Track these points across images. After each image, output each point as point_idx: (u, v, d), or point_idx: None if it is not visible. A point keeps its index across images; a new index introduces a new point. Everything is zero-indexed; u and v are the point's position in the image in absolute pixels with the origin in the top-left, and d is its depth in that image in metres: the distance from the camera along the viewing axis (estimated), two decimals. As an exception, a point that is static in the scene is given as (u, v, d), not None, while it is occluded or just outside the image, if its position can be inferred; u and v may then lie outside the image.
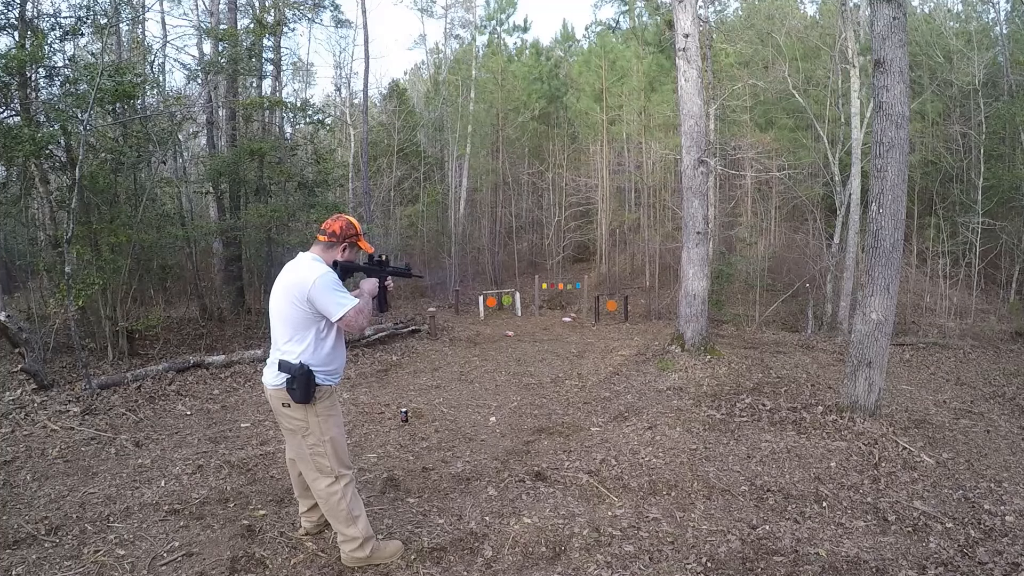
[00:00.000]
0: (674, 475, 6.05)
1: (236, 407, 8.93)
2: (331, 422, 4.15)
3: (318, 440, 4.11)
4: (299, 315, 3.96)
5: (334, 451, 4.15)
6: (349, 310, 3.89)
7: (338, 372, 4.24)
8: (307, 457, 4.17)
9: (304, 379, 3.92)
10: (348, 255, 4.23)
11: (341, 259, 4.18)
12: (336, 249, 4.17)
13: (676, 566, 4.40)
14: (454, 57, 31.84)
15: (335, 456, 4.16)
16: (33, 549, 4.62)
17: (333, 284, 3.94)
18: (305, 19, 21.51)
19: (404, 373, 11.50)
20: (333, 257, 4.17)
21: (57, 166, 11.61)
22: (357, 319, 3.93)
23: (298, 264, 4.08)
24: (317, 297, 3.89)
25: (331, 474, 4.17)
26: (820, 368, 11.34)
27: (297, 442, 4.19)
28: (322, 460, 4.15)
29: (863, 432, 7.09)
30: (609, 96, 26.00)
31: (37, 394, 8.52)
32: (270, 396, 4.16)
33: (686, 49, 10.78)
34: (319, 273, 3.93)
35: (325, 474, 4.17)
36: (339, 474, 4.18)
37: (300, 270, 4.01)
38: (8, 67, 9.99)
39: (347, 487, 4.21)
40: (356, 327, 3.96)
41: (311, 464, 4.18)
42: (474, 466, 6.40)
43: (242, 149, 15.11)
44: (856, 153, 17.38)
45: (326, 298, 3.89)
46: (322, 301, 3.89)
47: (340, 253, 4.18)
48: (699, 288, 11.41)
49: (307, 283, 3.89)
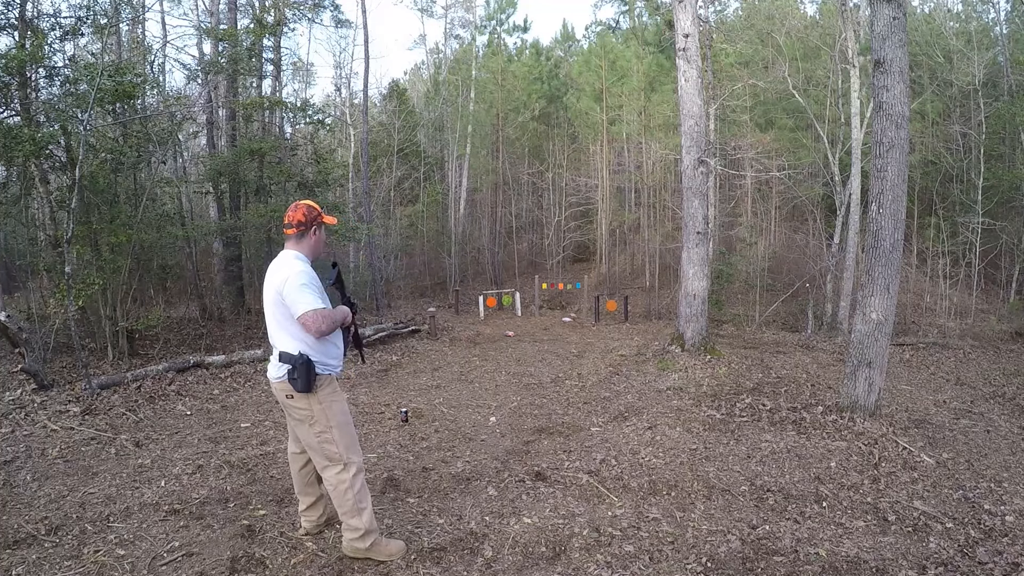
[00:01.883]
0: (674, 475, 6.05)
1: (236, 407, 8.92)
2: (335, 408, 4.23)
3: (324, 427, 4.19)
4: (284, 311, 4.08)
5: (340, 437, 4.23)
6: (309, 311, 3.91)
7: (338, 359, 4.34)
8: (316, 446, 4.26)
9: (304, 368, 4.01)
10: (318, 235, 4.34)
11: (312, 240, 4.31)
12: (309, 235, 4.27)
13: (676, 566, 4.40)
14: (454, 57, 31.85)
15: (342, 442, 4.24)
16: (33, 549, 4.62)
17: (303, 280, 4.00)
18: (305, 19, 21.48)
19: (404, 373, 11.50)
20: (310, 245, 4.29)
21: (57, 166, 11.60)
22: (316, 322, 3.93)
23: (279, 262, 4.21)
24: (287, 293, 3.98)
25: (339, 461, 4.24)
26: (820, 368, 11.34)
27: (305, 432, 4.26)
28: (330, 447, 4.23)
29: (863, 432, 7.09)
30: (609, 96, 25.97)
31: (37, 394, 8.52)
32: (275, 389, 4.28)
33: (686, 49, 10.78)
34: (294, 270, 4.03)
35: (334, 461, 4.24)
36: (347, 461, 4.26)
37: (281, 268, 4.13)
38: (8, 67, 9.99)
39: (355, 477, 4.28)
40: (314, 329, 3.95)
41: (320, 452, 4.27)
42: (474, 466, 6.40)
43: (242, 149, 15.10)
44: (856, 153, 17.34)
45: (293, 295, 3.96)
46: (290, 297, 3.98)
47: (313, 237, 4.29)
48: (699, 288, 11.41)
49: (282, 280, 4.02)
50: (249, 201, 16.07)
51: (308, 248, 4.27)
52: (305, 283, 3.98)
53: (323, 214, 4.34)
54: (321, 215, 4.31)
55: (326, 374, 4.19)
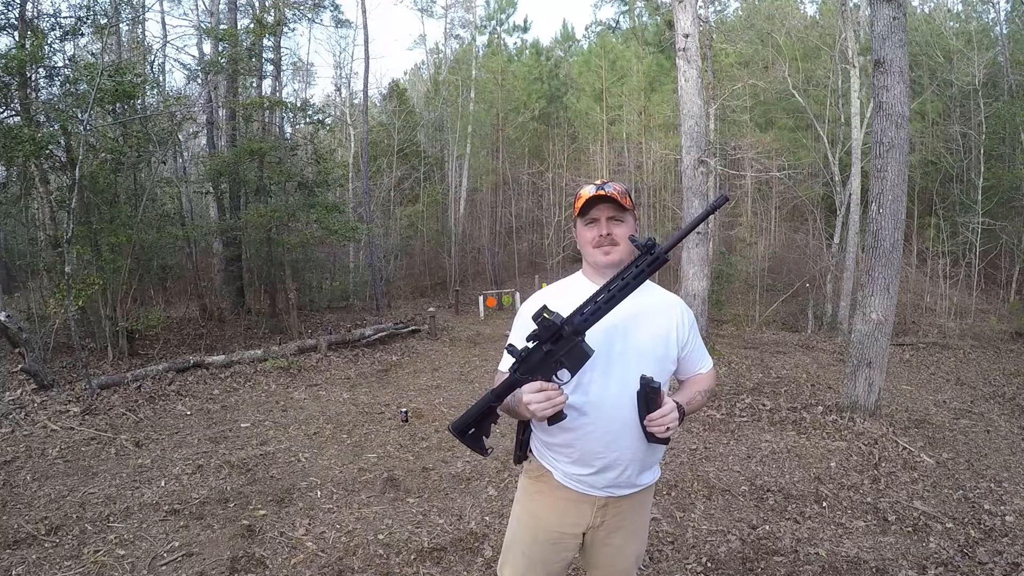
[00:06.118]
0: (674, 475, 6.02)
1: (236, 407, 8.91)
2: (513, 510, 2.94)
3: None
4: None
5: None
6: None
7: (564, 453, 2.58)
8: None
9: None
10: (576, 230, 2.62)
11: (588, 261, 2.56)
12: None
13: (676, 566, 4.38)
14: (454, 57, 31.75)
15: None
16: (33, 549, 4.61)
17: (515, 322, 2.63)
18: (305, 19, 21.49)
19: (404, 373, 11.50)
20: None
21: (57, 166, 11.59)
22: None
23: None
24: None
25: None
26: (820, 368, 11.38)
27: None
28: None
29: (863, 432, 7.12)
30: (609, 96, 25.96)
31: (37, 394, 8.53)
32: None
33: (686, 49, 10.74)
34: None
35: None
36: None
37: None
38: (8, 67, 9.99)
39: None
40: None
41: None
42: (474, 466, 6.39)
43: (242, 149, 15.09)
44: (856, 153, 17.29)
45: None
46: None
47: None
48: (699, 288, 11.34)
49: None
50: (249, 201, 16.06)
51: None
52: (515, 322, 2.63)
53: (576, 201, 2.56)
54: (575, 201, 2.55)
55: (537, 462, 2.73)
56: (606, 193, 2.39)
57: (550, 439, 2.54)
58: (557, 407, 2.17)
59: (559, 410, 2.19)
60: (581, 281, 2.56)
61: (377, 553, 4.60)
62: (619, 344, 2.38)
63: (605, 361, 2.35)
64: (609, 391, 2.36)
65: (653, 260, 2.17)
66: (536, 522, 2.68)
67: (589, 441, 2.42)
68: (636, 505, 2.63)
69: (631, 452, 2.42)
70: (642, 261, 2.19)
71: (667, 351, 2.48)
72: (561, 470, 2.54)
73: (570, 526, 2.59)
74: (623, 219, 2.45)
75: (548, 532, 2.63)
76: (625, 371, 2.35)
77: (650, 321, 2.46)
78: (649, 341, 2.43)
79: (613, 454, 2.42)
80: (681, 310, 2.57)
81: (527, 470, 2.78)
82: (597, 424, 2.39)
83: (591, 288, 2.36)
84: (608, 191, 2.40)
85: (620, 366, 2.37)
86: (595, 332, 2.25)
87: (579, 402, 2.37)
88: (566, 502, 2.57)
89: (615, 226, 2.42)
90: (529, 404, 2.16)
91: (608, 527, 2.60)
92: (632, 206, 2.48)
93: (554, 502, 2.60)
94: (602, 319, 2.22)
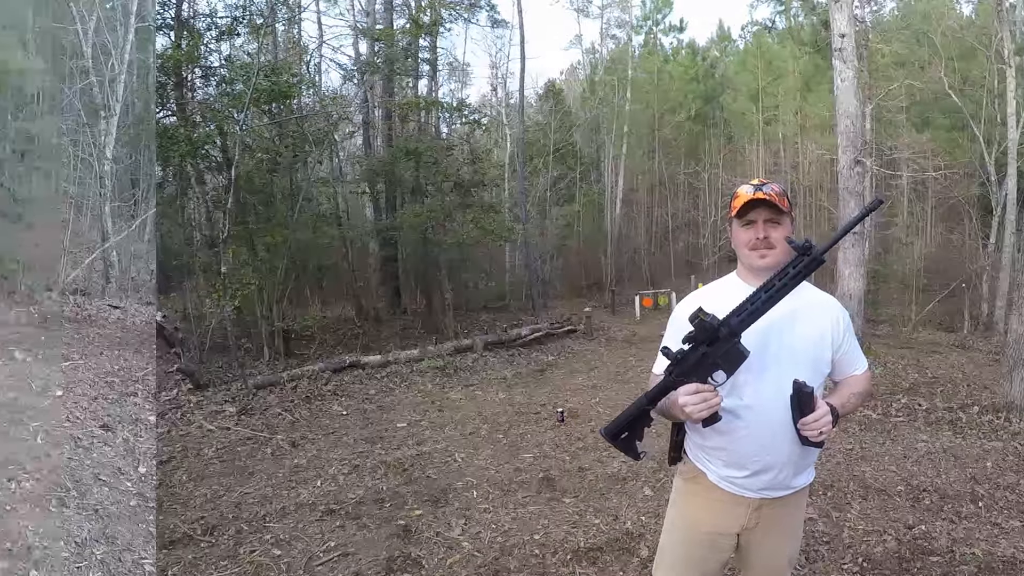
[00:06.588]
0: (830, 475, 6.00)
1: (392, 407, 8.94)
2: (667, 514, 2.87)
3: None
4: None
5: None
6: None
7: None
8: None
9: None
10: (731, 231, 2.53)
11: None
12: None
13: (832, 566, 4.37)
14: (610, 57, 32.19)
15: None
16: (189, 549, 4.66)
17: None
18: (461, 19, 21.55)
19: (560, 373, 11.54)
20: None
21: (213, 166, 11.90)
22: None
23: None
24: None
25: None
26: (976, 368, 11.67)
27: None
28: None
29: (1020, 432, 7.21)
30: (765, 96, 26.10)
31: (193, 394, 8.74)
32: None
33: (842, 49, 10.53)
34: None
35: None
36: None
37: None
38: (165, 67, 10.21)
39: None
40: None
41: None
42: (630, 466, 6.22)
43: (398, 149, 15.32)
44: (1012, 153, 17.61)
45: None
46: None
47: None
48: (855, 288, 11.04)
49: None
50: (405, 201, 16.29)
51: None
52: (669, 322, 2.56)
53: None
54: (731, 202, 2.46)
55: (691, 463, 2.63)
56: (764, 195, 2.32)
57: (704, 441, 2.51)
58: (713, 409, 2.18)
59: (715, 412, 2.19)
60: (736, 282, 2.51)
61: (533, 553, 4.61)
62: (774, 346, 2.34)
63: (759, 363, 2.30)
64: (764, 394, 2.32)
65: (810, 262, 2.16)
66: (690, 523, 2.67)
67: (743, 444, 2.40)
68: (791, 506, 2.59)
69: (785, 455, 2.38)
70: (799, 262, 2.17)
71: (821, 352, 2.42)
72: (715, 472, 2.51)
73: (725, 527, 2.57)
74: (780, 221, 2.36)
75: (702, 533, 2.62)
76: (779, 373, 2.30)
77: (804, 322, 2.40)
78: (803, 342, 2.38)
79: (768, 457, 2.39)
80: (836, 311, 2.50)
81: (681, 471, 2.71)
82: (752, 428, 2.36)
83: (746, 289, 2.33)
84: (766, 193, 2.33)
85: (774, 368, 2.32)
86: (750, 334, 2.23)
87: (733, 405, 2.33)
88: (720, 503, 2.54)
89: (772, 229, 2.35)
90: (685, 406, 2.17)
91: (763, 528, 2.54)
92: (790, 208, 2.41)
93: (708, 503, 2.57)
94: (757, 320, 2.21)
